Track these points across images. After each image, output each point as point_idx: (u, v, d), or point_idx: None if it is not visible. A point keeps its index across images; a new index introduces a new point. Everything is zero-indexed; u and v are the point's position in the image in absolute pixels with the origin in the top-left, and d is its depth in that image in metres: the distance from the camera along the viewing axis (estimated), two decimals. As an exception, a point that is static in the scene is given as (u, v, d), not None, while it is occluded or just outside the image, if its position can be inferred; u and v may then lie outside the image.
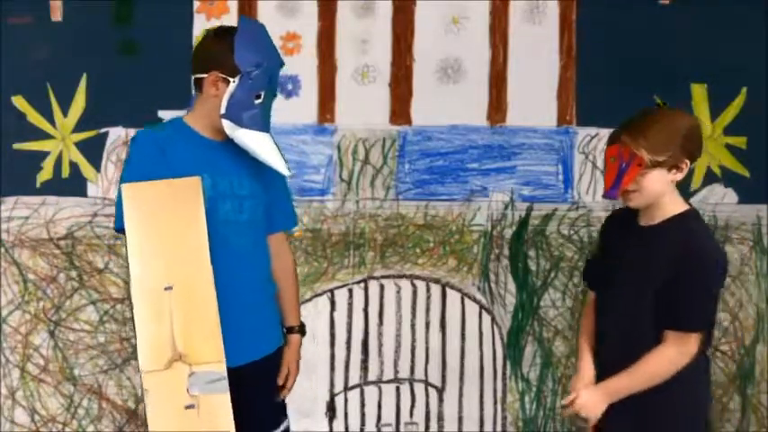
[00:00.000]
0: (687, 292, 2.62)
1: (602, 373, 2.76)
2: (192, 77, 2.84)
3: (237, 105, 2.74)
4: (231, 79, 2.74)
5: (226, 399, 2.51)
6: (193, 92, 2.87)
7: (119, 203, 2.68)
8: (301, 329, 3.07)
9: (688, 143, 2.66)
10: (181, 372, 2.49)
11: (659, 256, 2.66)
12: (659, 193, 2.67)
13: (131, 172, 2.75)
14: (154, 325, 2.50)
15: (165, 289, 2.51)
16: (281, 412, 3.03)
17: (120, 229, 2.68)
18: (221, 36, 2.81)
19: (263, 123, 2.77)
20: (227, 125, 2.76)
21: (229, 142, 2.79)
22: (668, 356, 2.64)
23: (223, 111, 2.75)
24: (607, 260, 2.84)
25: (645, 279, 2.68)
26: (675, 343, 2.64)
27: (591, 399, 2.71)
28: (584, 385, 2.76)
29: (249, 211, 2.85)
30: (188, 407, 2.49)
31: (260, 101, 2.76)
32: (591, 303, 2.90)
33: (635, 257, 2.72)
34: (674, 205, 2.70)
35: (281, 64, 2.86)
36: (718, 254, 2.72)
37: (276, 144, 2.81)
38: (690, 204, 2.75)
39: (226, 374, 2.52)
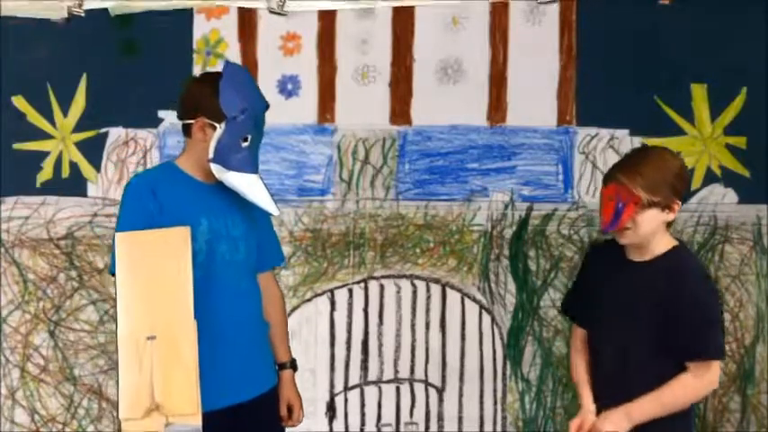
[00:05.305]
0: (702, 324, 2.70)
1: (601, 409, 2.79)
2: (181, 123, 2.88)
3: (225, 149, 2.78)
4: (217, 125, 2.77)
5: None
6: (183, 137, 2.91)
7: (113, 250, 2.69)
8: (293, 365, 3.11)
9: (679, 184, 2.76)
10: (157, 422, 2.49)
11: (655, 291, 2.74)
12: (652, 231, 2.76)
13: (126, 219, 2.78)
14: (135, 373, 2.51)
15: (148, 338, 2.52)
16: None
17: (114, 273, 2.68)
18: (206, 82, 2.86)
19: (251, 165, 2.81)
20: (215, 169, 2.80)
21: (221, 184, 2.83)
22: (693, 386, 2.73)
23: (211, 155, 2.80)
24: (594, 294, 2.87)
25: (641, 314, 2.75)
26: (699, 373, 2.72)
27: (615, 416, 2.73)
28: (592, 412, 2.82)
29: (244, 250, 2.90)
30: None
31: (247, 143, 2.80)
32: (580, 337, 2.94)
33: (629, 293, 2.78)
34: (664, 242, 2.78)
35: (267, 106, 2.90)
36: (714, 284, 2.94)
37: (265, 184, 2.85)
38: (678, 240, 2.82)
39: (201, 427, 2.52)
